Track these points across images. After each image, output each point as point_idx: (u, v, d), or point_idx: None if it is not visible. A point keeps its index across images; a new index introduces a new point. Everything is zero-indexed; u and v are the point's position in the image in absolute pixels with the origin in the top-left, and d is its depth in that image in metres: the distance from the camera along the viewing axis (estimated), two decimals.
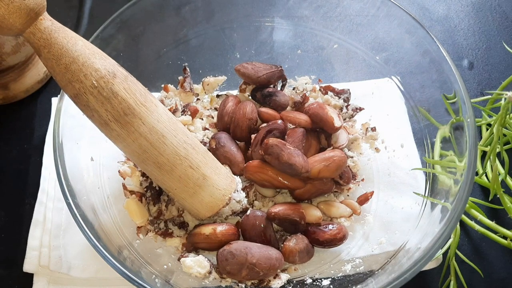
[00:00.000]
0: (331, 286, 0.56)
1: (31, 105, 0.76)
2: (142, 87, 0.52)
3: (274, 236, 0.58)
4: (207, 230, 0.57)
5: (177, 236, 0.59)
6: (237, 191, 0.58)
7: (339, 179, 0.62)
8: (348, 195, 0.64)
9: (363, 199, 0.63)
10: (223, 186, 0.57)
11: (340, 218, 0.61)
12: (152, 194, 0.61)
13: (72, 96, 0.49)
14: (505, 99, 0.60)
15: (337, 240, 0.58)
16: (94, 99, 0.48)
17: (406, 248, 0.56)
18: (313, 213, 0.60)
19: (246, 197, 0.61)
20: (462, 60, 0.81)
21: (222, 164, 0.60)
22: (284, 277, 0.56)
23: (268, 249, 0.55)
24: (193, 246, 0.58)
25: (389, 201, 0.63)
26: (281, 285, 0.55)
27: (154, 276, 0.54)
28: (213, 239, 0.56)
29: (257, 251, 0.54)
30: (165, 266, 0.57)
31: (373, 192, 0.64)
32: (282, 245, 0.58)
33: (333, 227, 0.59)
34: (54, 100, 0.74)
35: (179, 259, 0.56)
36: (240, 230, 0.58)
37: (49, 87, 0.78)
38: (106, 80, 0.48)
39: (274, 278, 0.56)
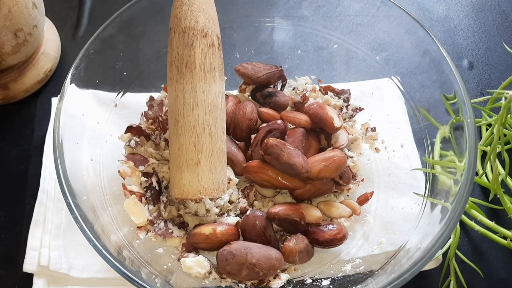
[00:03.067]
0: (331, 286, 0.56)
1: (31, 105, 0.76)
2: (219, 65, 0.59)
3: (274, 236, 0.58)
4: (207, 230, 0.56)
5: (177, 236, 0.59)
6: (214, 202, 0.58)
7: (339, 179, 0.62)
8: (348, 195, 0.64)
9: (363, 199, 0.63)
10: (206, 185, 0.57)
11: (340, 218, 0.61)
12: (152, 194, 0.61)
13: (170, 28, 0.58)
14: (505, 98, 0.60)
15: (337, 240, 0.58)
16: (177, 39, 0.57)
17: (406, 248, 0.56)
18: (313, 213, 0.60)
19: (246, 198, 0.61)
20: (462, 60, 0.81)
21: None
22: (284, 277, 0.56)
23: (268, 249, 0.55)
24: (192, 246, 0.58)
25: (389, 201, 0.63)
26: (281, 285, 0.55)
27: (154, 276, 0.54)
28: (213, 239, 0.56)
29: (257, 251, 0.54)
30: (165, 266, 0.57)
31: (373, 192, 0.63)
32: (282, 245, 0.58)
33: (333, 227, 0.59)
34: (54, 100, 0.74)
35: (179, 259, 0.56)
36: (240, 230, 0.58)
37: (49, 87, 0.78)
38: (194, 33, 0.57)
39: (274, 278, 0.56)
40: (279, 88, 0.70)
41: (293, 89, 0.70)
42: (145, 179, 0.61)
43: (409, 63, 0.66)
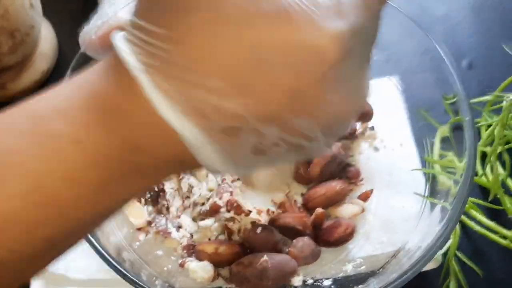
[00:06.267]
0: (332, 286, 0.56)
1: None
2: None
3: (278, 240, 0.58)
4: (209, 249, 0.56)
5: (174, 238, 0.58)
6: None
7: (347, 178, 0.62)
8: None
9: (364, 197, 0.63)
10: None
11: (352, 217, 0.60)
12: (152, 195, 0.60)
13: None
14: (506, 101, 0.60)
15: (346, 236, 0.58)
16: None
17: (406, 247, 0.56)
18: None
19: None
20: (462, 60, 0.80)
21: None
22: (302, 272, 0.56)
23: (283, 265, 0.54)
24: (193, 249, 0.58)
25: (389, 200, 0.63)
26: (301, 282, 0.55)
27: (154, 278, 0.53)
28: (215, 258, 0.56)
29: (272, 273, 0.53)
30: (165, 268, 0.57)
31: (372, 189, 0.63)
32: (287, 249, 0.57)
33: (339, 224, 0.58)
34: None
35: (181, 265, 0.56)
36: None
37: (47, 87, 0.77)
38: None
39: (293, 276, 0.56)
40: None
41: None
42: None
43: (409, 63, 0.66)
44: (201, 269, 0.55)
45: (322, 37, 0.23)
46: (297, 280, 0.55)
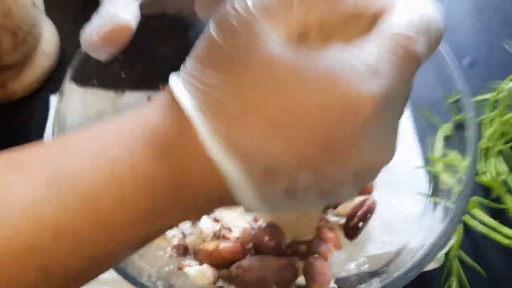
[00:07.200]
0: (336, 285, 0.56)
1: (30, 104, 0.75)
2: None
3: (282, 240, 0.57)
4: (210, 246, 0.56)
5: (166, 235, 0.58)
6: None
7: None
8: None
9: (366, 191, 0.62)
10: None
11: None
12: None
13: None
14: (504, 92, 0.60)
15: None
16: None
17: (409, 246, 0.55)
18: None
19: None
20: (464, 59, 0.80)
21: None
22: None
23: (283, 272, 0.54)
24: (183, 250, 0.58)
25: (391, 199, 0.63)
26: (305, 282, 0.55)
27: (155, 278, 0.53)
28: (216, 256, 0.55)
29: (272, 278, 0.53)
30: (167, 268, 0.57)
31: (372, 186, 0.63)
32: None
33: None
34: (53, 99, 0.73)
35: (179, 268, 0.56)
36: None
37: (48, 86, 0.77)
38: None
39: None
40: None
41: None
42: None
43: None
44: (200, 275, 0.54)
45: (358, 97, 0.26)
46: (300, 280, 0.55)
